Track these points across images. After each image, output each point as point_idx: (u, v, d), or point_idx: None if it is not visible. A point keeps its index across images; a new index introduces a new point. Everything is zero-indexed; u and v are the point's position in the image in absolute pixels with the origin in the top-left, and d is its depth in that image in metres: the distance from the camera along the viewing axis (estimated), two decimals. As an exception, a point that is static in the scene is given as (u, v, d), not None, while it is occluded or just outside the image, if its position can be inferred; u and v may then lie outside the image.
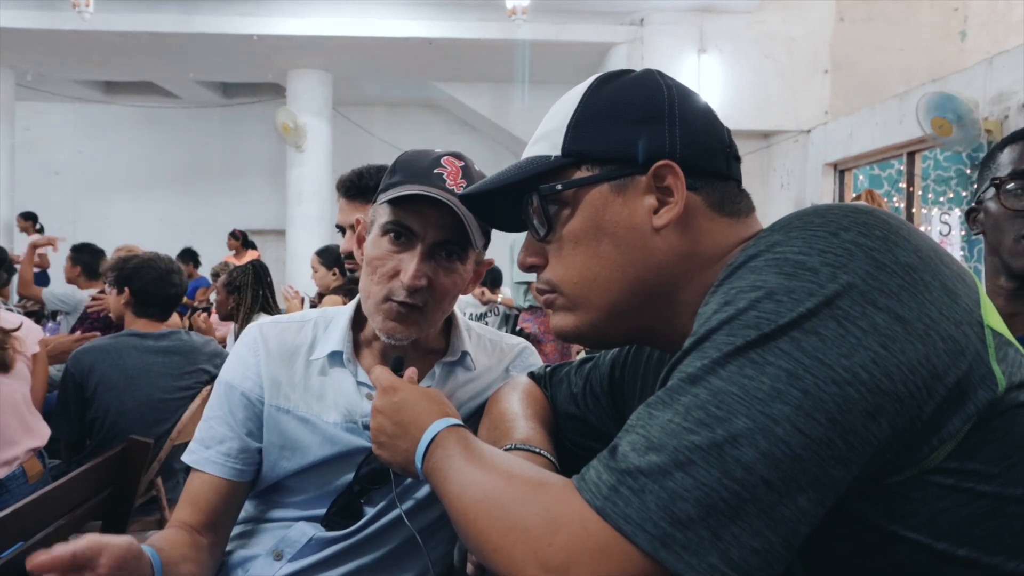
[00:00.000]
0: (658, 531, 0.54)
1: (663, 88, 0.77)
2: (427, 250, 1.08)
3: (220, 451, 1.16)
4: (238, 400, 1.17)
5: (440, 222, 1.07)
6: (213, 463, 1.15)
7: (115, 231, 9.60)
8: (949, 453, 0.58)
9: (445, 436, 0.80)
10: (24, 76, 9.46)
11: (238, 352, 1.20)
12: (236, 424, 1.16)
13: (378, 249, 1.10)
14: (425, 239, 1.08)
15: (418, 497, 1.16)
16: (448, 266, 1.11)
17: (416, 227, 1.07)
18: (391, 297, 1.08)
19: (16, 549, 1.48)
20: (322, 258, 4.25)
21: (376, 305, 1.10)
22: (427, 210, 1.06)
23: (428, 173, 1.08)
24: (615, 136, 0.75)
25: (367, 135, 10.84)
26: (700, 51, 7.77)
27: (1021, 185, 1.26)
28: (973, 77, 5.17)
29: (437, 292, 1.10)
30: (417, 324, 1.11)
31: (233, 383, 1.18)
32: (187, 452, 1.18)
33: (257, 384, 1.16)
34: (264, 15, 7.95)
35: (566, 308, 0.79)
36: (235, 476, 1.16)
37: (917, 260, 0.59)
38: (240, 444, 1.16)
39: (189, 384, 2.67)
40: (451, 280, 1.11)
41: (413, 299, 1.08)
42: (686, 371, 0.60)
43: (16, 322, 2.39)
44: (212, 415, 1.19)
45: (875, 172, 7.31)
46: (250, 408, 1.16)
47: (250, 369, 1.17)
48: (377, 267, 1.09)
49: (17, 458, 2.24)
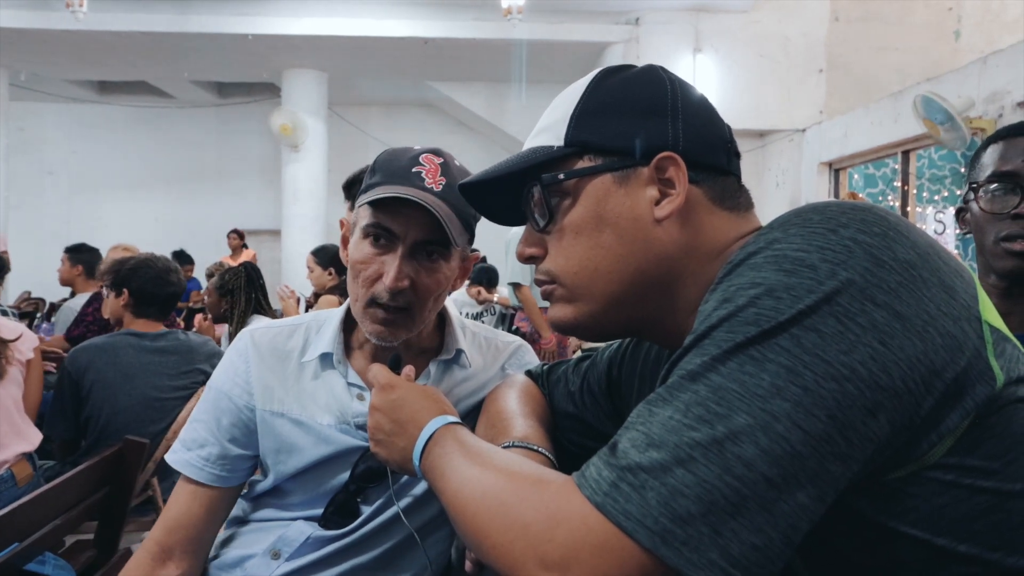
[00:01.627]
0: (658, 527, 0.54)
1: (666, 82, 0.78)
2: (408, 251, 1.07)
3: (200, 455, 1.16)
4: (225, 406, 1.17)
5: (420, 222, 1.06)
6: (192, 466, 1.16)
7: (109, 231, 9.58)
8: (948, 449, 0.58)
9: (443, 434, 0.80)
10: (18, 76, 9.44)
11: (229, 358, 1.20)
12: (219, 430, 1.17)
13: (360, 252, 1.10)
14: (406, 240, 1.07)
15: (415, 495, 1.16)
16: (430, 266, 1.10)
17: (396, 229, 1.07)
18: (376, 300, 1.08)
19: (12, 549, 1.47)
20: (318, 257, 4.25)
21: (362, 309, 1.10)
22: (406, 211, 1.05)
23: (407, 172, 1.08)
24: (618, 128, 0.75)
25: (362, 135, 10.84)
26: (696, 51, 7.79)
27: (999, 187, 1.27)
28: (967, 76, 5.19)
29: (421, 292, 1.10)
30: (404, 326, 1.11)
31: (223, 389, 1.18)
32: (170, 451, 1.19)
33: (246, 391, 1.16)
34: (259, 15, 7.94)
35: (565, 299, 0.79)
36: (214, 481, 1.16)
37: (915, 257, 0.59)
38: (220, 450, 1.16)
39: (186, 384, 2.66)
40: (434, 280, 1.10)
41: (396, 301, 1.08)
42: (686, 368, 0.60)
43: (17, 331, 2.39)
44: (198, 418, 1.19)
45: (870, 171, 7.33)
46: (236, 415, 1.17)
47: (240, 376, 1.17)
48: (360, 271, 1.09)
49: (6, 461, 2.23)
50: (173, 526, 1.15)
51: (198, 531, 1.16)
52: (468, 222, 1.12)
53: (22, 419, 2.35)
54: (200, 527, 1.17)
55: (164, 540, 1.15)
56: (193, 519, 1.16)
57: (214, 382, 1.20)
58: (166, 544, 1.14)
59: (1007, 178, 1.26)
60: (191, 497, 1.16)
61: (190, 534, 1.16)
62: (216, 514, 1.19)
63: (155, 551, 1.14)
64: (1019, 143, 1.29)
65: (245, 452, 1.18)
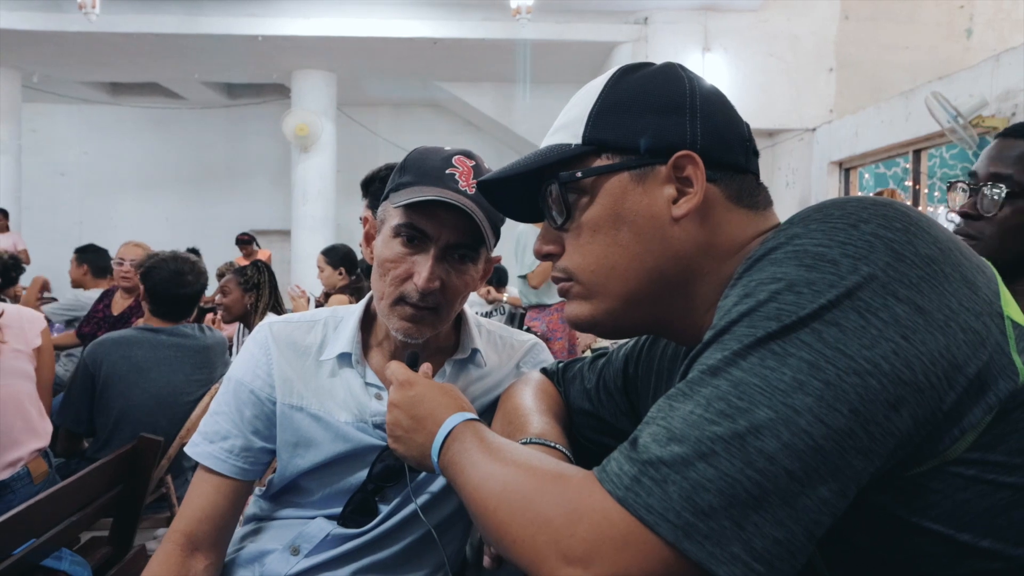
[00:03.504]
0: (680, 521, 0.54)
1: (684, 80, 0.77)
2: (440, 253, 1.08)
3: (223, 447, 1.16)
4: (247, 398, 1.17)
5: (454, 225, 1.06)
6: (216, 458, 1.16)
7: (121, 231, 9.61)
8: (971, 444, 0.58)
9: (462, 430, 0.80)
10: (31, 78, 9.49)
11: (249, 350, 1.20)
12: (242, 422, 1.17)
13: (390, 250, 1.10)
14: (438, 242, 1.07)
15: (432, 491, 1.16)
16: (460, 267, 1.11)
17: (430, 230, 1.07)
18: (405, 299, 1.09)
19: (28, 546, 1.49)
20: (328, 257, 4.26)
21: (389, 306, 1.10)
22: (441, 213, 1.05)
23: (440, 173, 1.08)
24: (636, 126, 0.75)
25: (371, 135, 10.86)
26: (704, 50, 7.77)
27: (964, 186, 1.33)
28: (980, 75, 5.16)
29: (450, 293, 1.10)
30: (431, 324, 1.11)
31: (243, 381, 1.18)
32: (190, 444, 1.19)
33: (268, 383, 1.16)
34: (269, 16, 7.96)
35: (582, 296, 0.79)
36: (238, 474, 1.16)
37: (937, 251, 0.59)
38: (244, 442, 1.16)
39: (201, 380, 2.67)
40: (463, 281, 1.11)
41: (426, 302, 1.08)
42: (707, 363, 0.60)
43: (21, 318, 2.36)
44: (219, 411, 1.19)
45: (880, 170, 7.30)
46: (259, 407, 1.17)
47: (261, 368, 1.17)
48: (390, 269, 1.09)
49: (21, 459, 2.23)
50: (200, 517, 1.15)
51: (224, 522, 1.16)
52: (497, 225, 1.12)
53: (37, 414, 2.34)
54: (224, 519, 1.16)
55: (191, 532, 1.14)
56: (219, 510, 1.16)
57: (234, 374, 1.19)
58: (193, 536, 1.14)
59: (970, 177, 1.33)
60: (214, 489, 1.16)
61: (216, 525, 1.15)
62: (237, 507, 1.19)
63: (182, 542, 1.13)
64: (993, 146, 1.35)
65: (267, 445, 1.18)
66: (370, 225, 1.20)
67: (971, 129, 4.83)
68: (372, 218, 1.20)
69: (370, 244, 1.18)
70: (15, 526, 1.37)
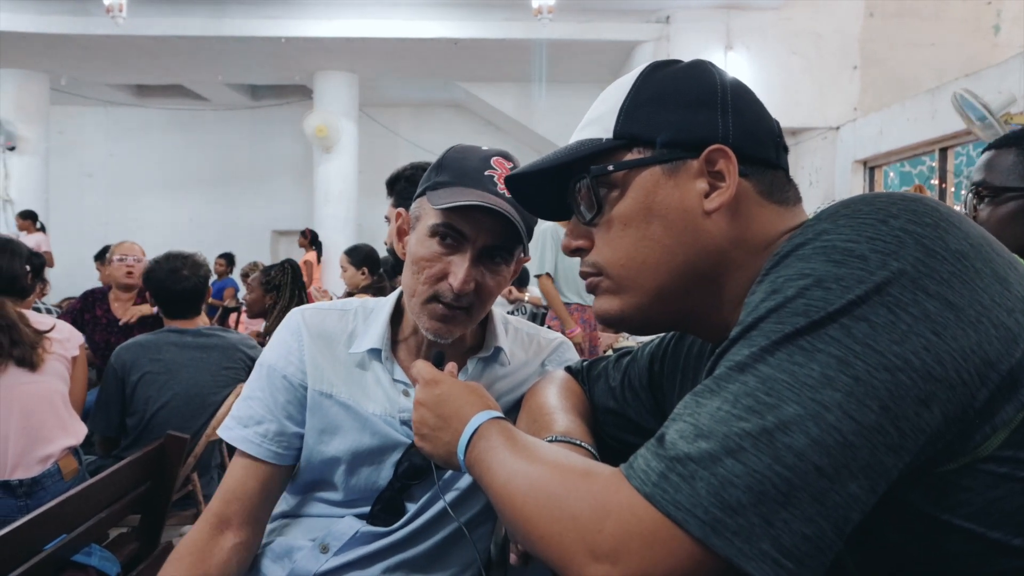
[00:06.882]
0: (709, 517, 0.54)
1: (715, 76, 0.78)
2: (476, 254, 1.08)
3: (258, 431, 1.16)
4: (280, 383, 1.17)
5: (492, 227, 1.06)
6: (250, 443, 1.16)
7: (146, 232, 9.76)
8: (1003, 442, 0.57)
9: (487, 428, 0.80)
10: (59, 81, 9.63)
11: (281, 336, 1.20)
12: (276, 407, 1.17)
13: (426, 249, 1.09)
14: (475, 244, 1.07)
15: (460, 488, 1.16)
16: (495, 269, 1.11)
17: (468, 232, 1.07)
18: (438, 298, 1.09)
19: (59, 541, 1.51)
20: (351, 257, 4.29)
21: (421, 304, 1.10)
22: (478, 215, 1.05)
23: (479, 175, 1.08)
24: (668, 120, 0.75)
25: (392, 136, 10.92)
26: (727, 48, 7.73)
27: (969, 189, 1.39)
28: (1008, 71, 5.09)
29: (483, 294, 1.11)
30: (462, 324, 1.12)
31: (276, 366, 1.18)
32: (223, 427, 1.19)
33: (300, 369, 1.17)
34: (291, 18, 8.04)
35: (611, 291, 0.79)
36: (272, 458, 1.16)
37: (968, 247, 0.59)
38: (278, 427, 1.16)
39: (227, 380, 2.70)
40: (496, 282, 1.11)
41: (460, 302, 1.08)
42: (734, 359, 0.60)
43: (49, 324, 2.43)
44: (252, 395, 1.19)
45: (906, 169, 7.21)
46: (292, 392, 1.17)
47: (293, 354, 1.18)
48: (424, 267, 1.09)
49: (52, 456, 2.27)
50: (230, 497, 1.16)
51: (253, 504, 1.17)
52: (531, 227, 1.12)
53: (68, 414, 2.39)
54: (255, 500, 1.17)
55: (221, 511, 1.15)
56: (249, 492, 1.16)
57: (266, 359, 1.20)
58: (223, 515, 1.15)
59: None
60: (246, 472, 1.17)
61: (246, 506, 1.16)
62: (271, 491, 1.19)
63: (213, 521, 1.14)
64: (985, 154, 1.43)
65: (299, 430, 1.18)
66: (403, 220, 1.20)
67: (997, 128, 4.76)
68: (405, 213, 1.20)
69: (402, 240, 1.19)
70: (46, 521, 1.39)
